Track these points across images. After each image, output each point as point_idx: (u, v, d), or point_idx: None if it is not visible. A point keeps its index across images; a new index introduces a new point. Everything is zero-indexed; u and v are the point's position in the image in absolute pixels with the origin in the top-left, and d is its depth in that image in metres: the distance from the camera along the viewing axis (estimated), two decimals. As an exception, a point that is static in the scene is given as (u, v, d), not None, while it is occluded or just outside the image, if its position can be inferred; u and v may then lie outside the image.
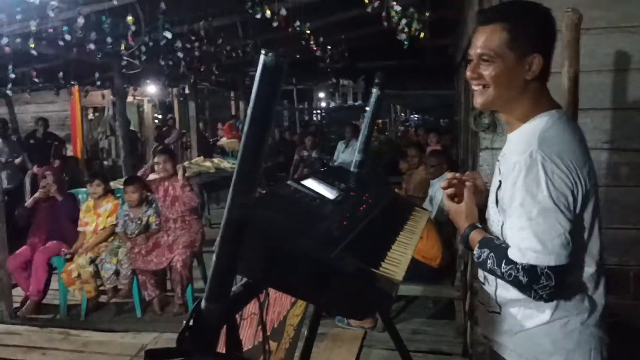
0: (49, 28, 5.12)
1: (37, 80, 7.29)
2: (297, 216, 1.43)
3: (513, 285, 1.37)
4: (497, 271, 1.39)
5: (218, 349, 1.14)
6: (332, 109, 23.95)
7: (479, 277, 1.63)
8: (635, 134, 2.90)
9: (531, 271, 1.31)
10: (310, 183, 1.64)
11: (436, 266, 3.98)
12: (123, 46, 5.81)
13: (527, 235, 1.32)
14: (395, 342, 2.26)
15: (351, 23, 6.63)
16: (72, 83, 8.91)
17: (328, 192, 1.62)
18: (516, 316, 1.48)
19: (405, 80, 13.04)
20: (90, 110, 11.47)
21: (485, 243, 1.47)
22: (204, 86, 12.41)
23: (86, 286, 4.58)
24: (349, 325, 4.01)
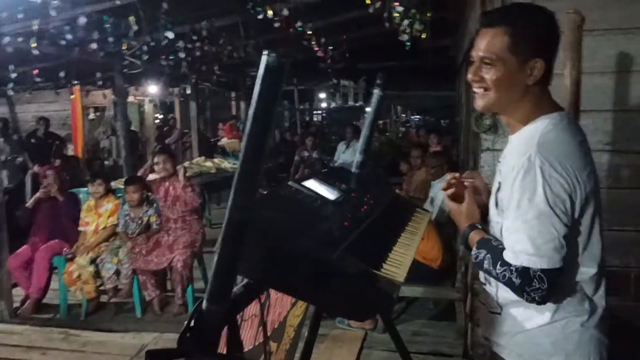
0: (51, 27, 5.12)
1: (38, 79, 7.29)
2: (298, 217, 1.43)
3: (507, 286, 1.38)
4: (493, 272, 1.40)
5: (219, 350, 1.14)
6: (333, 110, 23.90)
7: (481, 278, 1.63)
8: (636, 136, 2.90)
9: (524, 273, 1.32)
10: (311, 184, 1.64)
11: (437, 267, 3.98)
12: (124, 46, 5.81)
13: (522, 237, 1.33)
14: (395, 344, 2.26)
15: (352, 24, 6.62)
16: (74, 82, 8.92)
17: (329, 193, 1.62)
18: (517, 317, 1.49)
19: (406, 81, 13.02)
20: (91, 109, 11.48)
21: (483, 243, 1.47)
22: (205, 86, 12.41)
23: (86, 287, 4.58)
24: (350, 326, 4.01)
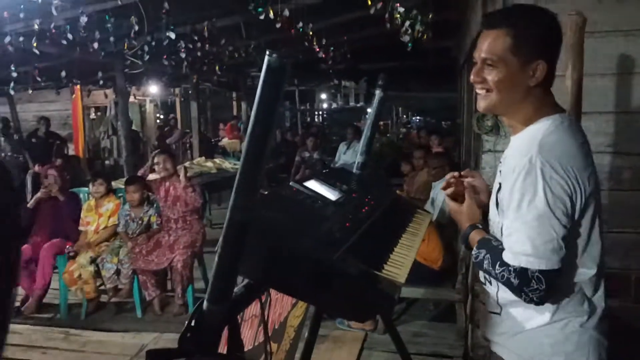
0: (52, 27, 5.13)
1: (40, 79, 7.29)
2: (299, 218, 1.43)
3: (506, 286, 1.39)
4: (492, 272, 1.41)
5: (219, 350, 1.14)
6: (334, 110, 23.90)
7: (481, 278, 1.64)
8: (638, 138, 2.90)
9: (522, 274, 1.33)
10: (312, 184, 1.64)
11: (437, 269, 3.97)
12: (126, 46, 5.82)
13: (521, 238, 1.34)
14: (396, 345, 2.26)
15: (354, 24, 6.62)
16: (75, 82, 8.93)
17: (330, 194, 1.62)
18: (516, 317, 1.49)
19: (407, 81, 13.03)
20: (92, 109, 11.50)
21: (483, 243, 1.48)
22: (206, 86, 12.42)
23: (86, 286, 4.58)
24: (350, 327, 4.01)
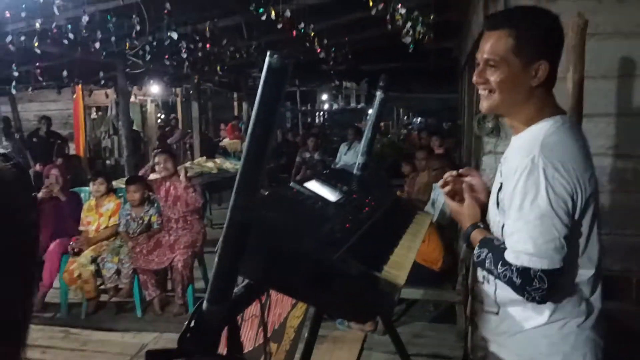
0: (54, 27, 5.13)
1: (41, 78, 7.30)
2: (300, 218, 1.43)
3: (508, 285, 1.39)
4: (494, 271, 1.42)
5: (219, 351, 1.14)
6: (335, 111, 23.92)
7: (479, 277, 1.64)
8: (639, 140, 2.90)
9: (525, 273, 1.34)
10: (313, 185, 1.64)
11: (437, 270, 3.97)
12: (127, 46, 5.82)
13: (523, 238, 1.35)
14: (396, 346, 2.26)
15: (355, 25, 6.63)
16: (76, 82, 8.93)
17: (331, 195, 1.62)
18: (514, 317, 1.50)
19: (408, 82, 13.02)
20: (93, 109, 11.50)
21: (484, 243, 1.49)
22: (207, 87, 12.42)
23: (86, 286, 4.58)
24: (350, 327, 4.00)
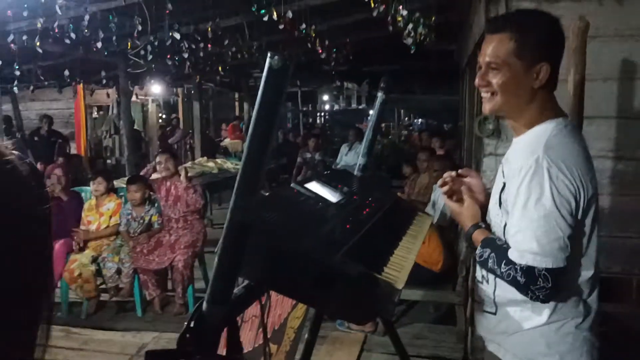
0: (56, 26, 5.13)
1: (42, 77, 7.30)
2: (300, 219, 1.43)
3: (511, 285, 1.40)
4: (497, 271, 1.43)
5: (219, 351, 1.14)
6: (336, 112, 23.93)
7: (477, 277, 1.65)
8: (640, 143, 2.89)
9: (529, 272, 1.35)
10: (313, 186, 1.64)
11: (437, 271, 3.97)
12: (129, 45, 5.82)
13: (527, 237, 1.36)
14: (395, 347, 2.26)
15: (356, 26, 6.63)
16: (78, 81, 8.94)
17: (331, 196, 1.62)
18: (513, 317, 1.51)
19: (409, 84, 13.03)
20: (94, 108, 11.50)
21: (487, 243, 1.50)
22: (209, 87, 12.42)
23: (86, 285, 4.58)
24: (350, 328, 4.00)
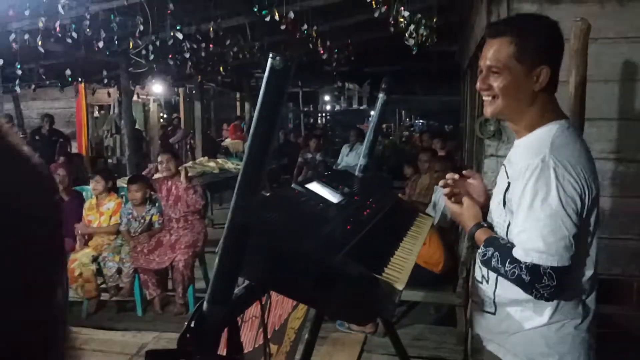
0: (57, 25, 5.14)
1: (44, 77, 7.31)
2: (301, 220, 1.43)
3: (516, 283, 1.41)
4: (501, 269, 1.43)
5: (219, 351, 1.14)
6: (337, 112, 23.96)
7: (477, 277, 1.66)
8: (641, 145, 2.89)
9: (534, 270, 1.35)
10: (314, 186, 1.64)
11: (438, 272, 3.97)
12: (131, 45, 5.83)
13: (533, 236, 1.37)
14: (396, 348, 2.26)
15: (358, 27, 6.63)
16: (79, 80, 8.94)
17: (332, 196, 1.62)
18: (514, 317, 1.52)
19: (411, 84, 13.05)
20: (95, 107, 11.51)
21: (490, 242, 1.51)
22: (210, 87, 12.43)
23: (87, 285, 4.58)
24: (350, 329, 4.00)
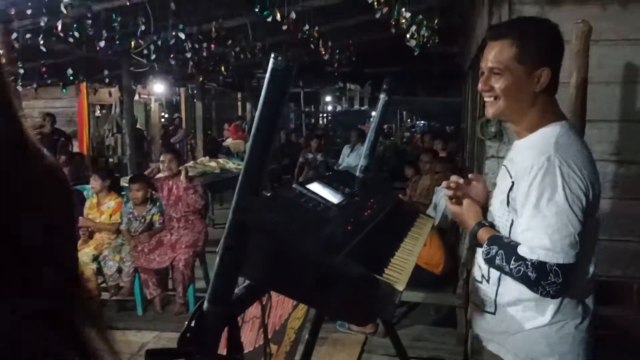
0: (60, 24, 5.14)
1: (46, 76, 7.31)
2: (302, 220, 1.43)
3: (521, 281, 1.41)
4: (506, 267, 1.43)
5: (219, 351, 1.14)
6: (339, 113, 23.96)
7: (476, 276, 1.66)
8: (642, 147, 2.89)
9: (540, 268, 1.36)
10: (315, 187, 1.64)
11: (439, 273, 3.97)
12: (133, 45, 5.84)
13: (539, 233, 1.38)
14: (396, 349, 2.26)
15: (359, 28, 6.64)
16: (81, 79, 8.95)
17: (333, 197, 1.62)
18: (515, 317, 1.52)
19: (412, 86, 13.06)
20: (97, 107, 11.52)
21: (493, 240, 1.51)
22: (211, 86, 12.45)
23: (87, 284, 4.59)
24: (350, 330, 4.00)
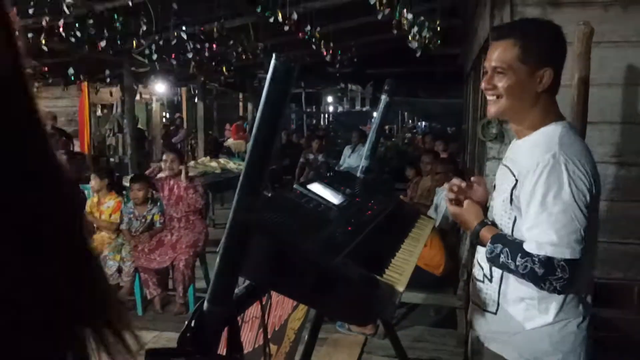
0: (61, 24, 5.15)
1: (47, 75, 7.31)
2: (302, 221, 1.43)
3: (527, 278, 1.41)
4: (511, 265, 1.44)
5: (219, 351, 1.14)
6: (340, 114, 23.99)
7: (477, 276, 1.66)
8: (643, 149, 2.89)
9: (548, 263, 1.37)
10: (316, 188, 1.64)
11: (439, 274, 3.96)
12: (134, 44, 5.84)
13: (546, 229, 1.39)
14: (395, 350, 2.26)
15: (361, 29, 6.65)
16: (82, 79, 8.95)
17: (333, 198, 1.63)
18: (517, 316, 1.53)
19: (413, 87, 13.06)
20: (98, 106, 11.53)
21: (497, 238, 1.52)
22: (213, 87, 12.45)
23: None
24: (350, 330, 4.00)
